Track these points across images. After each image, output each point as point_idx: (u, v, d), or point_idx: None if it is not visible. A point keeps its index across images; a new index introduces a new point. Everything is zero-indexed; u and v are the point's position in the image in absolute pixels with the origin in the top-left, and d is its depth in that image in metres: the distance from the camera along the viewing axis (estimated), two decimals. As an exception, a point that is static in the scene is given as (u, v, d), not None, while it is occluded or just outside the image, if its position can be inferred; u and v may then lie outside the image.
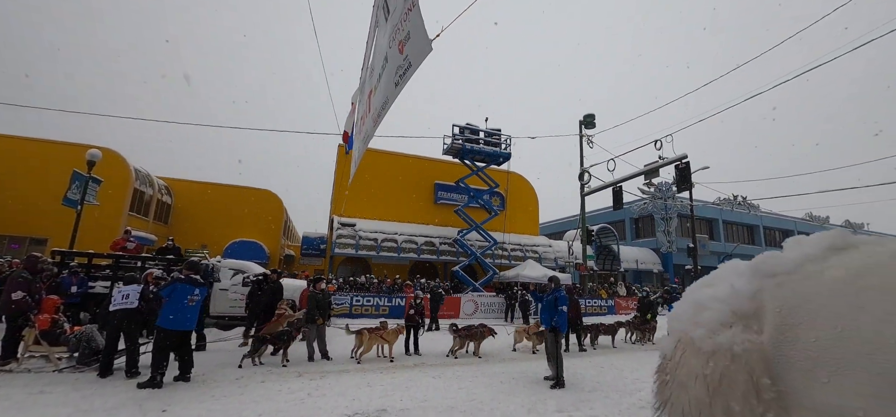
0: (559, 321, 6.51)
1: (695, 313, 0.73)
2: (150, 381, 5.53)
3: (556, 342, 6.47)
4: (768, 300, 0.73)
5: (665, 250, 31.03)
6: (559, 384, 6.26)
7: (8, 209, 18.68)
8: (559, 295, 6.63)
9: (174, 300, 5.85)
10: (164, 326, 5.76)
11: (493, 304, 17.78)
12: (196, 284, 6.08)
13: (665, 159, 15.45)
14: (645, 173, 16.51)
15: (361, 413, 4.82)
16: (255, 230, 26.00)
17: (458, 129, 20.84)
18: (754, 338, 0.70)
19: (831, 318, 0.67)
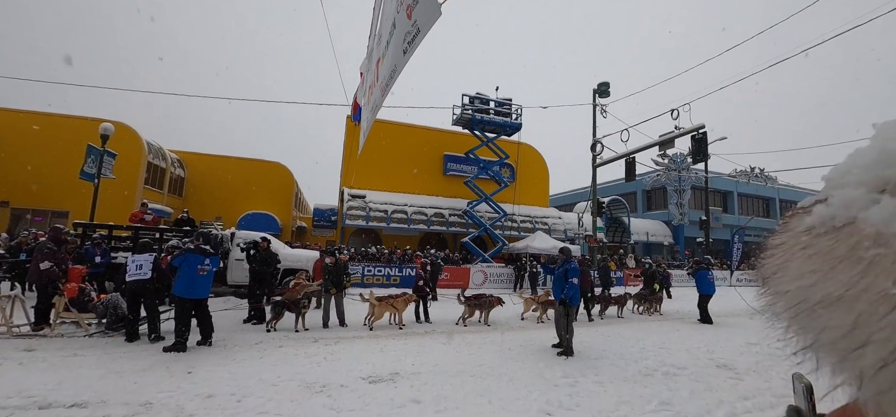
0: (569, 293, 6.56)
1: None
2: (174, 345, 5.82)
3: (566, 314, 6.54)
4: None
5: (676, 223, 30.71)
6: (567, 352, 6.38)
7: (29, 183, 19.21)
8: (570, 267, 6.66)
9: (185, 269, 6.06)
10: (178, 294, 6.04)
11: (502, 275, 17.98)
12: (206, 253, 6.25)
13: (681, 129, 15.05)
14: (660, 143, 16.14)
15: (375, 376, 5.02)
16: (266, 202, 26.38)
17: (468, 99, 20.51)
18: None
19: None
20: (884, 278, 0.25)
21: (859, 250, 0.27)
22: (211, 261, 6.31)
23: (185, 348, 5.85)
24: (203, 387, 4.41)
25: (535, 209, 24.56)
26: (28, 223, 18.71)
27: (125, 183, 19.20)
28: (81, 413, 3.69)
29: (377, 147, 21.35)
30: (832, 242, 0.29)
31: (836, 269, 0.28)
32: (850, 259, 0.27)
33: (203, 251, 6.24)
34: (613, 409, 4.24)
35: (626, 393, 4.73)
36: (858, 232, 0.27)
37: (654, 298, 11.88)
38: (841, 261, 0.28)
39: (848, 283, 0.27)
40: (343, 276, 8.40)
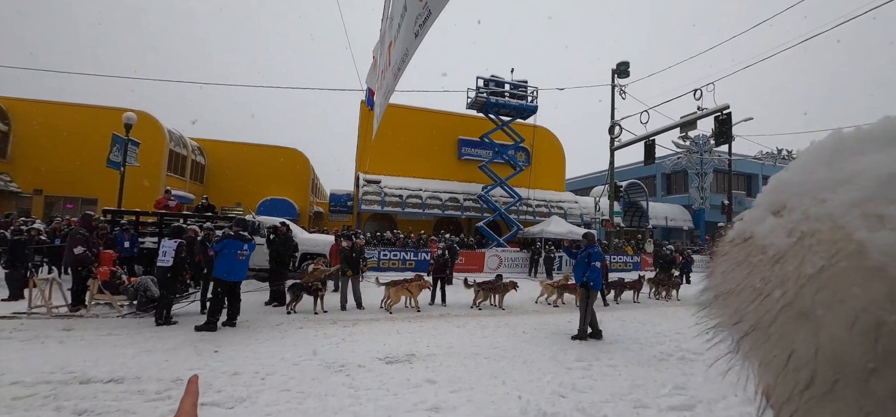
0: (591, 278, 6.50)
1: (873, 193, 0.32)
2: (206, 325, 6.14)
3: (587, 298, 6.51)
4: None
5: (697, 207, 29.98)
6: (586, 336, 6.37)
7: (60, 172, 20.05)
8: (592, 252, 6.61)
9: (226, 254, 6.39)
10: (218, 277, 6.34)
11: (517, 259, 17.98)
12: (244, 239, 6.61)
13: (704, 109, 14.57)
14: (681, 125, 15.68)
15: (392, 357, 5.16)
16: (284, 188, 26.89)
17: (483, 81, 20.26)
18: None
19: None
20: (757, 277, 0.35)
21: (750, 257, 0.36)
22: (248, 246, 6.66)
23: (216, 328, 6.13)
24: (229, 365, 4.62)
25: (550, 194, 24.32)
26: (61, 210, 19.60)
27: (149, 170, 19.83)
28: (118, 387, 3.93)
29: (391, 132, 21.39)
30: (738, 250, 0.38)
31: (735, 271, 0.37)
32: (743, 264, 0.37)
33: (242, 237, 6.58)
34: (627, 392, 4.27)
35: (641, 377, 4.74)
36: (753, 244, 0.36)
37: (671, 283, 11.73)
38: (738, 265, 0.37)
39: (739, 280, 0.36)
40: (360, 260, 8.57)
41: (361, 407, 3.70)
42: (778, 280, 0.33)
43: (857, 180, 0.33)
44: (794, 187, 0.36)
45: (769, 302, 0.33)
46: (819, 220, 0.33)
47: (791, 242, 0.34)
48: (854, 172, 0.33)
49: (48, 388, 3.82)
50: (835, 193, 0.33)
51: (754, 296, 0.34)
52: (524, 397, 4.03)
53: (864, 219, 0.30)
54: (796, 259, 0.33)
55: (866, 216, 0.30)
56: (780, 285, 0.33)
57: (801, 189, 0.35)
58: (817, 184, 0.34)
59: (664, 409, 3.91)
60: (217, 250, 6.50)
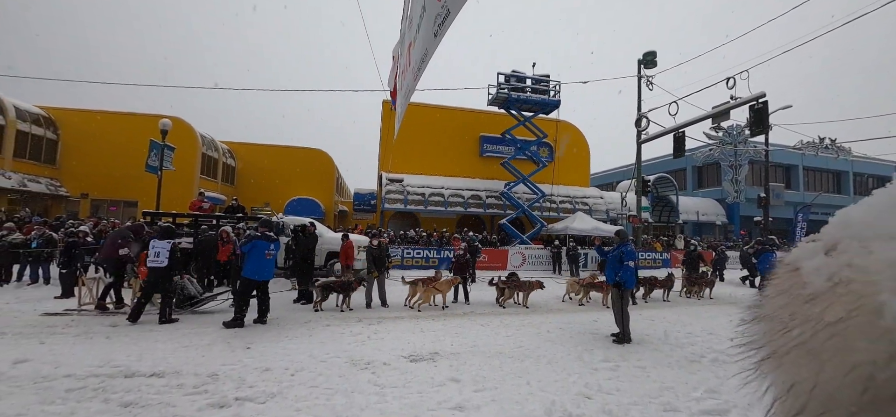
0: (624, 277, 6.30)
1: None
2: (233, 321, 6.38)
3: (621, 298, 6.32)
4: None
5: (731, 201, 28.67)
6: (622, 339, 6.14)
7: (104, 176, 21.30)
8: (625, 250, 6.40)
9: (254, 254, 6.61)
10: (247, 276, 6.58)
11: (541, 256, 17.77)
12: (271, 240, 6.84)
13: (738, 99, 13.91)
14: (713, 115, 15.04)
15: (416, 355, 5.22)
16: (310, 188, 27.58)
17: (504, 77, 20.06)
18: None
19: None
20: (788, 311, 0.38)
21: (792, 288, 0.38)
22: (274, 246, 6.90)
23: (243, 324, 6.38)
24: (260, 361, 4.80)
25: (574, 189, 23.88)
26: (105, 212, 20.83)
27: (183, 173, 20.77)
28: (159, 381, 4.15)
29: (413, 131, 21.53)
30: (786, 278, 0.40)
31: (777, 298, 0.40)
32: (785, 293, 0.39)
33: (268, 238, 6.82)
34: (656, 395, 4.15)
35: (670, 379, 4.60)
36: (798, 276, 0.38)
37: (703, 281, 11.29)
38: (781, 293, 0.40)
39: (775, 308, 0.39)
40: (385, 258, 8.71)
41: (387, 405, 3.76)
42: (803, 319, 0.36)
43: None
44: (852, 229, 0.37)
45: (789, 336, 0.37)
46: (858, 271, 0.34)
47: (828, 286, 0.36)
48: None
49: (97, 381, 4.08)
50: (883, 246, 0.34)
51: (781, 327, 0.38)
52: (549, 397, 3.99)
53: (895, 281, 0.31)
54: (824, 304, 0.36)
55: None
56: (802, 324, 0.36)
57: (856, 233, 0.36)
58: (873, 232, 0.35)
59: (696, 413, 3.78)
60: (245, 251, 6.70)
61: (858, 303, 0.33)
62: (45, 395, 3.73)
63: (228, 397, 3.78)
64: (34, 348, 5.07)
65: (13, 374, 4.18)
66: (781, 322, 0.38)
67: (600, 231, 17.44)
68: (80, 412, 3.43)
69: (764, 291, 0.43)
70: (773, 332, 0.39)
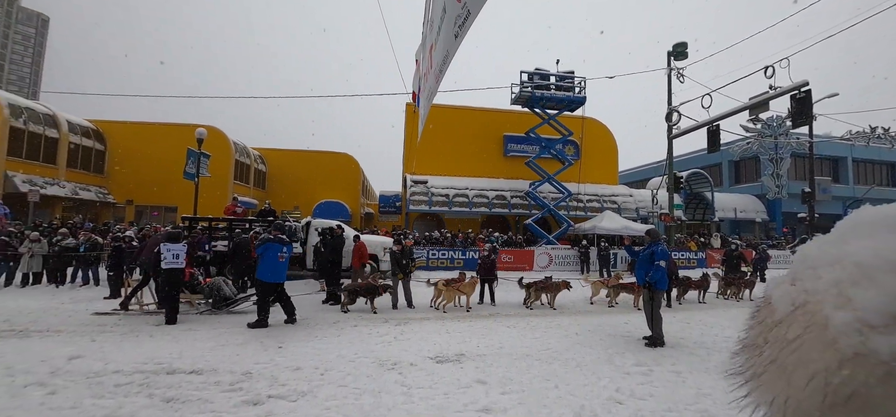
0: (655, 277, 6.08)
1: (846, 278, 0.39)
2: (257, 322, 6.62)
3: (651, 300, 6.12)
4: None
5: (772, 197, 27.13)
6: (655, 343, 5.92)
7: (147, 183, 22.58)
8: (656, 249, 6.18)
9: (267, 257, 6.79)
10: (261, 279, 6.79)
11: (568, 257, 17.43)
12: (283, 243, 7.01)
13: (778, 88, 13.16)
14: (750, 107, 14.29)
15: (442, 356, 5.23)
16: (337, 191, 28.21)
17: (527, 75, 19.82)
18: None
19: None
20: (762, 336, 0.44)
21: (766, 317, 0.45)
22: (287, 249, 7.06)
23: (267, 324, 6.61)
24: (291, 361, 4.94)
25: (602, 187, 23.28)
26: (148, 218, 22.07)
27: (218, 179, 21.71)
28: (198, 378, 4.35)
29: (436, 132, 21.61)
30: (763, 310, 0.46)
31: (755, 327, 0.46)
32: (761, 323, 0.45)
33: (281, 240, 6.99)
34: (692, 401, 3.98)
35: (708, 385, 4.39)
36: (769, 306, 0.45)
37: (742, 282, 10.73)
38: (759, 323, 0.46)
39: (753, 336, 0.46)
40: (408, 262, 8.78)
41: (414, 405, 3.79)
42: (773, 340, 0.42)
43: (844, 260, 0.40)
44: (807, 261, 0.44)
45: (763, 357, 0.43)
46: (811, 294, 0.41)
47: (790, 310, 0.42)
48: (845, 253, 0.40)
49: (142, 377, 4.32)
50: (827, 271, 0.41)
51: (757, 351, 0.44)
52: (578, 401, 3.90)
53: (836, 298, 0.38)
54: (787, 325, 0.42)
55: (838, 296, 0.38)
56: (772, 344, 0.42)
57: (810, 264, 0.43)
58: (822, 260, 0.42)
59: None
60: (259, 254, 6.90)
61: (811, 320, 0.39)
62: (96, 389, 3.98)
63: (262, 395, 3.92)
64: (86, 345, 5.43)
65: (68, 369, 4.49)
66: (757, 347, 0.44)
67: (630, 230, 16.92)
68: (127, 406, 3.64)
69: (748, 324, 0.48)
70: (752, 357, 0.45)
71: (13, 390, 3.92)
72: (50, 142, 19.99)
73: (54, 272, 10.38)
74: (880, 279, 0.36)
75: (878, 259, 0.37)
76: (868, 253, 0.38)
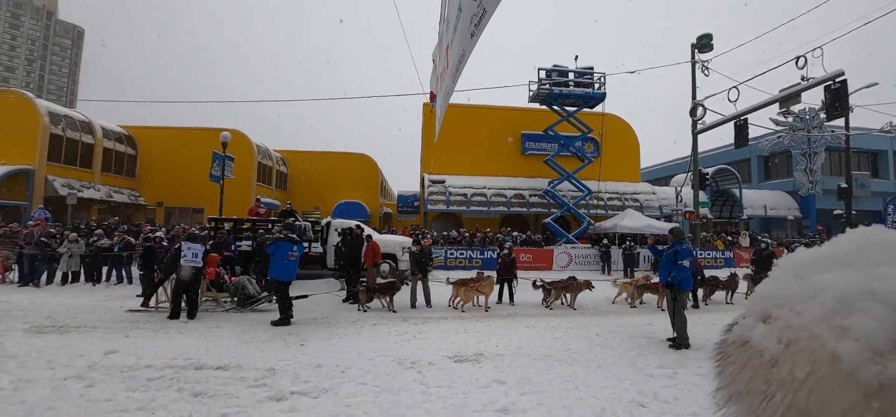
0: (678, 277, 5.92)
1: (831, 309, 0.40)
2: (280, 320, 6.79)
3: (675, 300, 5.95)
4: None
5: (805, 193, 25.95)
6: (679, 345, 5.76)
7: (176, 186, 23.46)
8: (680, 248, 6.01)
9: (278, 256, 6.95)
10: (273, 277, 6.96)
11: (588, 256, 17.15)
12: (294, 242, 7.17)
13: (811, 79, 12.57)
14: (781, 99, 13.72)
15: (461, 356, 5.23)
16: (356, 191, 28.59)
17: (545, 73, 19.60)
18: None
19: None
20: (760, 379, 0.43)
21: (751, 360, 0.45)
22: (297, 248, 7.21)
23: (290, 322, 6.76)
24: (313, 358, 5.04)
25: (623, 185, 22.79)
26: (177, 219, 22.92)
27: (241, 181, 22.33)
28: (224, 373, 4.49)
29: (454, 132, 21.62)
30: (740, 353, 0.46)
31: (741, 372, 0.46)
32: (747, 366, 0.45)
33: (291, 240, 7.17)
34: (720, 404, 3.85)
35: (737, 388, 4.23)
36: (751, 348, 0.45)
37: (774, 281, 10.28)
38: (742, 367, 0.46)
39: (746, 381, 0.45)
40: (426, 262, 8.83)
41: (432, 404, 3.80)
42: (778, 383, 0.41)
43: (821, 296, 0.41)
44: (773, 299, 0.46)
45: (774, 403, 0.41)
46: (799, 329, 0.41)
47: (781, 348, 0.42)
48: (817, 288, 0.42)
49: (172, 372, 4.49)
50: (806, 305, 0.42)
51: (762, 397, 0.42)
52: (599, 403, 3.84)
53: (832, 331, 0.39)
54: (788, 364, 0.41)
55: (833, 328, 0.39)
56: (781, 387, 0.41)
57: (779, 301, 0.45)
58: (792, 296, 0.43)
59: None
60: (271, 253, 7.07)
61: (816, 356, 0.39)
62: (130, 383, 4.16)
63: (285, 391, 4.01)
64: (121, 341, 5.68)
65: (104, 364, 4.71)
66: (760, 393, 0.42)
67: (653, 229, 16.50)
68: (158, 399, 3.79)
69: (722, 372, 0.48)
70: (757, 403, 0.43)
71: (54, 383, 4.14)
72: (86, 147, 21.02)
73: (91, 271, 10.91)
74: (867, 307, 0.38)
75: (852, 290, 0.39)
76: (840, 287, 0.40)
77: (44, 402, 3.69)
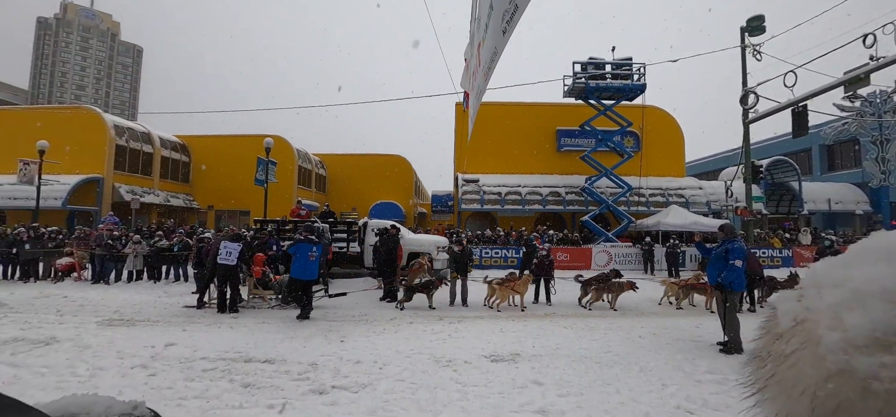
0: (729, 278, 5.58)
1: (843, 300, 0.42)
2: (302, 314, 7.17)
3: (726, 302, 5.61)
4: None
5: (877, 184, 23.48)
6: (730, 349, 5.42)
7: (225, 190, 24.96)
8: (731, 247, 5.67)
9: (299, 256, 7.29)
10: (295, 276, 7.33)
11: (629, 255, 16.48)
12: (313, 243, 7.50)
13: (881, 59, 11.40)
14: (846, 82, 12.53)
15: (497, 355, 5.20)
16: (391, 192, 29.14)
17: (580, 66, 19.02)
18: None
19: None
20: (765, 348, 0.46)
21: (771, 329, 0.47)
22: (317, 249, 7.51)
23: (309, 316, 7.13)
24: (352, 354, 5.20)
25: (667, 180, 21.69)
26: (226, 221, 24.38)
27: (283, 185, 23.38)
28: (271, 367, 4.73)
29: (487, 130, 21.49)
30: (769, 320, 0.48)
31: (763, 338, 0.48)
32: (767, 334, 0.48)
33: (311, 241, 7.50)
34: (778, 413, 3.57)
35: (798, 397, 3.92)
36: (775, 318, 0.47)
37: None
38: (766, 333, 0.48)
39: (759, 348, 0.48)
40: (467, 262, 8.89)
41: (469, 403, 3.81)
42: (773, 354, 0.45)
43: (844, 285, 0.43)
44: (815, 279, 0.46)
45: (765, 371, 0.45)
46: (811, 312, 0.43)
47: (791, 325, 0.45)
48: (847, 277, 0.43)
49: (224, 364, 4.79)
50: (829, 292, 0.43)
51: (760, 364, 0.47)
52: (642, 408, 3.68)
53: (831, 319, 0.41)
54: (786, 340, 0.44)
55: (834, 317, 0.41)
56: (773, 359, 0.45)
57: (816, 282, 0.46)
58: (826, 280, 0.45)
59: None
60: (292, 252, 7.43)
61: (807, 337, 0.42)
62: (187, 373, 4.48)
63: (326, 385, 4.16)
64: (178, 334, 6.13)
65: (165, 355, 5.10)
66: (761, 359, 0.46)
67: (700, 226, 15.60)
68: (212, 389, 4.06)
69: (757, 332, 0.50)
70: (757, 369, 0.46)
71: (123, 370, 4.54)
72: (146, 156, 22.85)
73: (152, 270, 11.84)
74: (870, 303, 0.40)
75: (872, 285, 0.41)
76: (863, 279, 0.41)
77: (114, 388, 4.06)
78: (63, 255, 11.84)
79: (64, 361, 4.81)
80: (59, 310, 7.71)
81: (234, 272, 7.88)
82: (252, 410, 3.65)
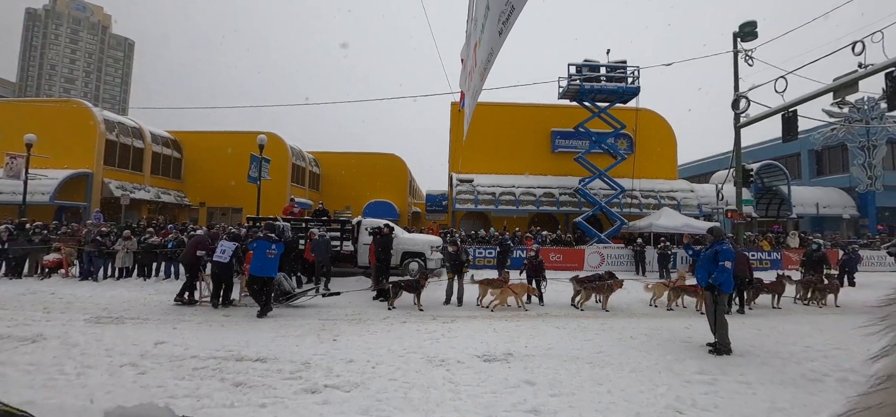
0: (718, 279, 5.64)
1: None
2: (261, 311, 7.23)
3: (714, 303, 5.68)
4: None
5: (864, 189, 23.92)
6: (719, 350, 5.48)
7: (217, 187, 24.70)
8: (720, 249, 5.74)
9: (257, 253, 7.36)
10: (253, 273, 7.38)
11: (621, 256, 16.61)
12: (272, 240, 7.56)
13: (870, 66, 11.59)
14: (835, 88, 12.72)
15: (490, 355, 5.21)
16: (385, 191, 29.04)
17: (575, 68, 19.12)
18: None
19: None
20: None
21: None
22: (276, 247, 7.56)
23: (266, 314, 7.19)
24: (345, 353, 5.18)
25: (659, 183, 21.90)
26: (218, 218, 24.14)
27: (277, 182, 23.20)
28: (263, 366, 4.70)
29: (482, 130, 21.52)
30: None
31: None
32: None
33: (270, 239, 7.57)
34: (765, 416, 3.64)
35: (784, 399, 3.99)
36: None
37: (828, 286, 9.59)
38: None
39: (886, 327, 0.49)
40: (462, 262, 8.91)
41: (461, 403, 3.82)
42: None
43: None
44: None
45: None
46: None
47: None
48: None
49: (215, 362, 4.75)
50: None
51: None
52: (633, 408, 3.72)
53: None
54: None
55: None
56: None
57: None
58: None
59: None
60: (251, 250, 7.48)
61: None
62: (177, 372, 4.44)
63: (319, 384, 4.15)
64: (169, 332, 6.06)
65: (154, 353, 5.04)
66: None
67: (691, 228, 15.76)
68: (203, 387, 4.02)
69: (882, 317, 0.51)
70: None
71: (111, 369, 4.48)
72: (137, 152, 22.52)
73: (142, 267, 11.68)
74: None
75: None
76: None
77: (103, 386, 4.00)
78: (50, 251, 11.64)
79: (51, 359, 4.73)
80: (46, 307, 7.58)
81: (227, 270, 7.93)
82: (243, 409, 3.62)
